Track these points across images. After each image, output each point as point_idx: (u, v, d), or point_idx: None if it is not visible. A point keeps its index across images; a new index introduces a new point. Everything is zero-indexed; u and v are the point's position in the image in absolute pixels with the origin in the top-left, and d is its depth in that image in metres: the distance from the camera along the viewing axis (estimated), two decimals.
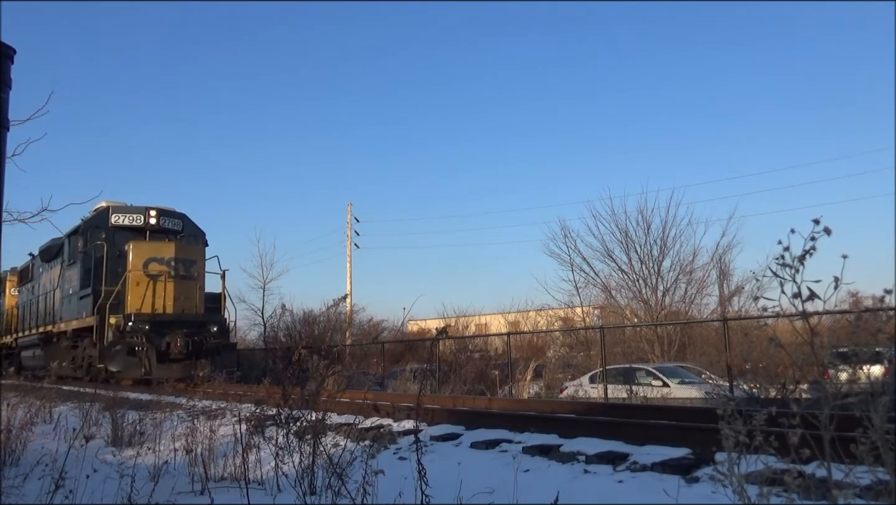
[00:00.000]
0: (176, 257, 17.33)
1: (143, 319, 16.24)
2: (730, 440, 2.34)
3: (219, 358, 16.43)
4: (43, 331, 21.07)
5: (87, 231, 18.21)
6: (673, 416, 7.48)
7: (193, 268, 17.92)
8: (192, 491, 4.98)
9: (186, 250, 18.08)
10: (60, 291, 19.84)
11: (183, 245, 18.22)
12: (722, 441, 2.39)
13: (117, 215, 18.33)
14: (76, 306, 18.19)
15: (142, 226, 18.44)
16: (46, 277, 21.89)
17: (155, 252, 17.33)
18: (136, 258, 17.11)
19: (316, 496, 4.34)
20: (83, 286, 17.72)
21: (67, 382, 17.46)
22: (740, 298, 24.92)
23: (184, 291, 17.47)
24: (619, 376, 16.00)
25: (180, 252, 17.62)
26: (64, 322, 19.25)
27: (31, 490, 4.34)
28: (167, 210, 19.16)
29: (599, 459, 5.31)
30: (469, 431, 7.01)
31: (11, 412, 7.59)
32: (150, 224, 18.51)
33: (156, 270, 17.06)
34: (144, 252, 17.24)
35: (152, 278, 17.01)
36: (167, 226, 18.87)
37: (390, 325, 33.39)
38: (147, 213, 18.57)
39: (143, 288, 16.94)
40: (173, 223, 19.07)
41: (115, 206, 18.56)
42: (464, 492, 3.65)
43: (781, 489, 2.39)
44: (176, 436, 6.76)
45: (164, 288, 17.06)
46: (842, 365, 2.28)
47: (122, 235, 17.95)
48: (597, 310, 28.04)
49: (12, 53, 3.16)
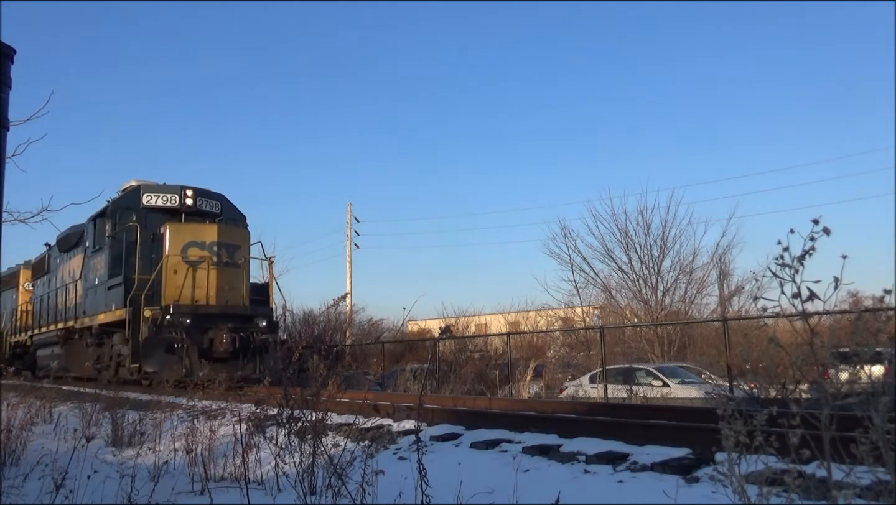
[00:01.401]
0: (219, 241, 15.14)
1: (184, 311, 14.06)
2: (730, 440, 2.34)
3: (267, 357, 14.24)
4: (63, 327, 18.91)
5: (115, 213, 15.93)
6: (673, 416, 7.49)
7: (238, 253, 15.65)
8: (192, 491, 4.98)
9: (230, 233, 15.83)
10: (84, 281, 17.66)
11: (226, 227, 15.99)
12: (722, 441, 2.39)
13: (149, 195, 16.00)
14: (103, 298, 16.03)
15: (177, 207, 16.06)
16: (65, 268, 19.91)
17: (195, 235, 15.11)
18: (174, 242, 14.91)
19: (316, 496, 4.34)
20: (112, 275, 15.55)
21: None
22: (740, 298, 24.97)
23: (228, 280, 15.24)
24: (619, 376, 16.01)
25: (224, 235, 15.43)
26: (88, 316, 17.04)
27: (31, 490, 4.34)
28: (205, 190, 16.85)
29: (599, 459, 5.31)
30: (469, 431, 7.01)
31: (11, 412, 7.58)
32: (186, 205, 16.14)
33: (196, 255, 14.86)
34: (183, 235, 15.05)
35: (192, 265, 14.85)
36: (204, 207, 16.49)
37: (390, 325, 33.44)
38: (183, 192, 16.18)
39: (181, 276, 14.78)
40: (211, 205, 16.70)
41: (147, 185, 16.35)
42: (464, 492, 3.65)
43: (781, 489, 2.39)
44: (176, 436, 6.76)
45: (207, 276, 14.85)
46: (842, 365, 2.28)
47: (154, 218, 15.66)
48: (597, 310, 28.06)
49: (12, 53, 3.16)
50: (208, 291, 14.84)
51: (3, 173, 3.07)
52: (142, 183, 16.45)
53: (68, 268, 19.49)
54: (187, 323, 13.86)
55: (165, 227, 15.17)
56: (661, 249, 25.69)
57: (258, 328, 14.68)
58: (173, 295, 14.53)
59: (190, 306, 14.40)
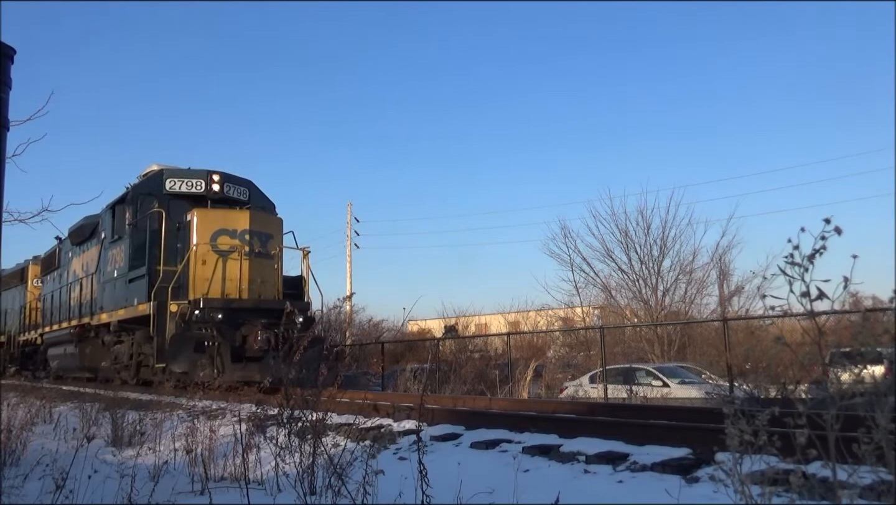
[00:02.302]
0: (251, 229, 13.88)
1: (215, 305, 12.83)
2: (734, 439, 2.33)
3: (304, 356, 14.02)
4: (77, 324, 17.50)
5: (136, 199, 14.59)
6: (673, 416, 7.48)
7: (271, 243, 14.34)
8: (192, 491, 4.98)
9: (263, 221, 14.53)
10: (100, 275, 16.33)
11: (258, 214, 14.68)
12: (726, 441, 2.38)
13: (173, 180, 14.70)
14: (123, 292, 14.72)
15: (202, 193, 14.76)
16: (78, 261, 18.63)
17: (225, 222, 13.83)
18: (203, 230, 13.63)
19: (316, 496, 4.33)
20: (133, 266, 14.25)
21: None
22: (740, 298, 24.99)
23: (260, 272, 13.97)
24: (619, 376, 16.00)
25: (256, 223, 14.14)
26: (106, 312, 15.64)
27: (32, 490, 4.33)
28: (232, 175, 15.49)
29: (599, 459, 5.30)
30: (469, 431, 7.00)
31: (11, 412, 7.58)
32: (213, 191, 14.79)
33: (226, 244, 13.60)
34: (213, 222, 13.77)
35: (222, 255, 13.56)
36: (232, 194, 15.15)
37: (390, 325, 33.42)
38: (209, 177, 14.86)
39: (210, 267, 13.47)
40: (239, 191, 15.34)
41: (170, 169, 15.05)
42: (464, 492, 3.64)
43: (783, 489, 2.39)
44: (176, 436, 6.76)
45: (239, 268, 13.55)
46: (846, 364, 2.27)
47: (178, 205, 14.31)
48: (597, 310, 28.06)
49: (12, 53, 3.16)
50: (240, 284, 13.51)
51: (3, 173, 3.07)
52: (164, 167, 15.08)
53: (81, 261, 18.32)
54: (219, 318, 12.63)
55: (193, 213, 13.85)
56: (661, 249, 25.71)
57: (295, 324, 13.06)
58: (202, 288, 13.29)
59: (221, 300, 13.15)
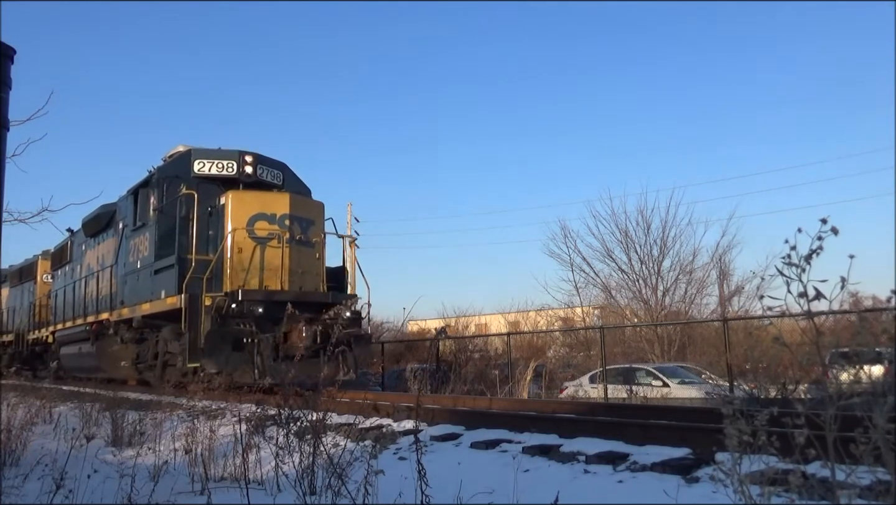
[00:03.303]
0: (291, 214, 12.59)
1: (255, 298, 11.60)
2: (734, 439, 2.34)
3: (350, 354, 12.02)
4: (94, 321, 16.15)
5: (163, 182, 13.17)
6: (673, 416, 7.48)
7: (312, 229, 13.05)
8: (192, 491, 4.98)
9: (304, 205, 13.19)
10: (120, 267, 15.03)
11: (299, 198, 13.32)
12: (725, 441, 2.39)
13: (202, 162, 13.33)
14: (148, 284, 13.32)
15: (234, 176, 13.32)
16: (93, 254, 17.43)
17: (263, 206, 12.53)
18: (239, 214, 12.36)
19: (316, 496, 4.33)
20: (160, 256, 12.90)
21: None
22: (740, 298, 25.00)
23: (301, 262, 12.70)
24: (619, 376, 16.01)
25: (297, 207, 12.83)
26: (128, 307, 14.23)
27: (31, 490, 4.33)
28: (265, 157, 14.06)
29: (599, 459, 5.30)
30: (469, 431, 7.00)
31: (11, 412, 7.58)
32: (246, 173, 13.39)
33: (265, 230, 12.31)
34: (249, 206, 12.49)
35: (259, 243, 12.28)
36: (265, 178, 13.74)
37: (390, 325, 33.41)
38: (241, 158, 13.46)
39: (246, 256, 12.18)
40: (273, 175, 13.96)
41: (199, 149, 13.63)
42: (464, 492, 3.65)
43: (782, 489, 2.39)
44: (176, 436, 6.76)
45: (278, 256, 12.26)
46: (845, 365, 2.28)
47: (207, 189, 12.91)
48: (597, 310, 28.07)
49: (12, 53, 3.16)
50: (281, 275, 12.22)
51: (3, 173, 3.07)
52: (192, 148, 13.69)
53: (96, 254, 17.14)
54: (259, 312, 11.34)
55: (227, 196, 12.58)
56: (661, 249, 25.73)
57: (341, 319, 11.82)
58: (238, 279, 12.02)
59: (261, 292, 11.90)
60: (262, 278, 12.23)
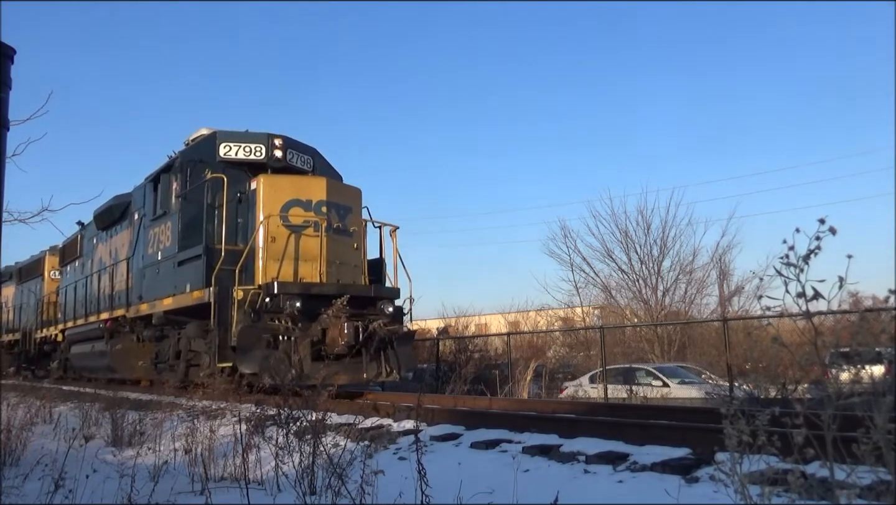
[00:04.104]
0: (328, 200, 11.53)
1: (293, 291, 10.54)
2: (733, 439, 2.34)
3: (391, 353, 11.31)
4: (108, 318, 15.18)
5: (186, 167, 12.21)
6: (673, 416, 7.49)
7: (350, 218, 12.01)
8: (192, 491, 4.98)
9: (341, 191, 12.18)
10: (137, 259, 13.97)
11: (336, 183, 12.44)
12: (725, 441, 2.39)
13: (228, 145, 12.37)
14: (170, 277, 12.33)
15: (262, 160, 12.40)
16: (105, 247, 16.44)
17: (298, 191, 11.49)
18: (272, 200, 11.30)
19: (316, 496, 4.33)
20: (184, 246, 11.90)
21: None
22: (740, 298, 25.03)
23: (339, 252, 11.62)
24: (619, 376, 16.02)
25: (334, 193, 11.80)
26: (147, 302, 13.20)
27: (31, 490, 4.33)
28: (296, 141, 13.10)
29: (599, 459, 5.30)
30: (469, 431, 7.00)
31: (11, 412, 7.59)
32: (275, 157, 12.44)
33: (300, 218, 11.26)
34: (283, 191, 11.43)
35: (294, 231, 11.26)
36: (295, 163, 12.80)
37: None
38: (270, 141, 12.50)
39: (280, 245, 11.15)
40: (303, 160, 13.03)
41: (224, 132, 12.65)
42: (464, 492, 3.65)
43: (783, 489, 2.39)
44: (176, 436, 6.76)
45: (319, 247, 11.17)
46: (844, 365, 2.28)
47: (233, 175, 11.85)
48: (597, 310, 28.10)
49: (12, 53, 3.16)
50: (320, 267, 11.15)
51: (3, 173, 3.07)
52: (217, 130, 12.71)
53: (109, 247, 16.18)
54: (297, 307, 10.32)
55: (259, 181, 11.61)
56: (661, 249, 25.76)
57: (383, 315, 11.00)
58: (271, 270, 11.02)
59: (299, 285, 10.86)
60: (296, 270, 11.19)
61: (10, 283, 26.21)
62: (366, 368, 10.82)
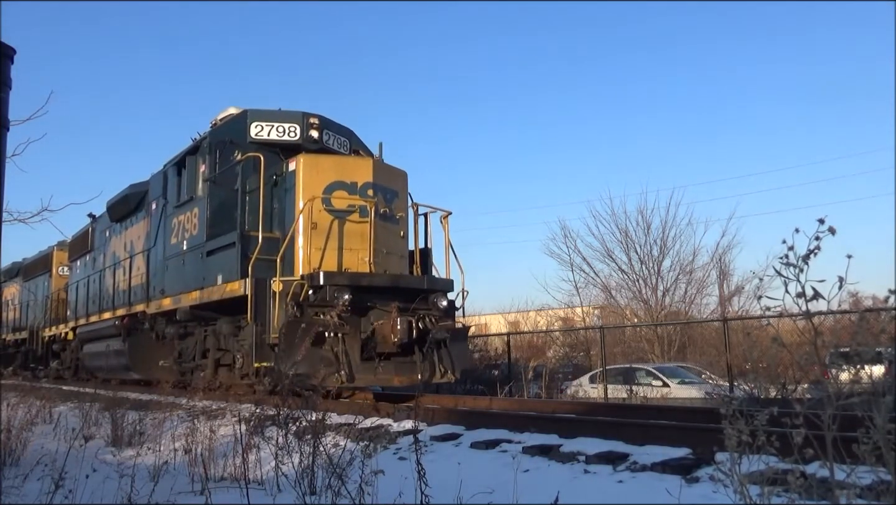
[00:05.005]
0: (374, 183, 10.39)
1: (341, 283, 9.38)
2: (732, 439, 2.34)
3: (445, 352, 10.19)
4: (125, 314, 14.11)
5: (216, 148, 11.16)
6: (673, 416, 7.49)
7: (395, 203, 10.87)
8: (191, 491, 4.98)
9: (388, 173, 11.00)
10: (159, 250, 12.96)
11: (383, 164, 11.19)
12: (725, 441, 2.39)
13: (259, 125, 11.32)
14: (197, 269, 11.31)
15: (297, 141, 11.35)
16: (119, 240, 15.53)
17: (342, 172, 10.34)
18: (313, 182, 10.16)
19: (316, 496, 4.33)
20: (214, 234, 10.91)
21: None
22: (740, 298, 25.06)
23: (385, 241, 10.49)
24: (619, 376, 16.03)
25: (380, 175, 10.65)
26: (170, 296, 12.18)
27: (31, 490, 4.33)
28: (332, 121, 12.04)
29: (599, 459, 5.30)
30: (469, 431, 7.00)
31: (11, 412, 7.59)
32: (311, 138, 11.39)
33: (344, 202, 10.14)
34: (325, 172, 10.28)
35: (337, 216, 10.12)
36: (332, 145, 11.77)
37: None
38: (306, 120, 11.45)
39: (322, 232, 9.99)
40: (339, 142, 11.97)
41: (256, 111, 11.60)
42: (464, 492, 3.65)
43: (783, 489, 2.39)
44: (176, 436, 6.76)
45: (369, 234, 10.05)
46: (844, 365, 2.28)
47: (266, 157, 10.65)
48: (597, 310, 28.13)
49: (12, 53, 3.16)
50: (369, 255, 10.04)
51: (3, 173, 3.07)
52: (248, 109, 11.66)
53: (124, 240, 15.26)
54: (346, 300, 9.19)
55: (298, 161, 10.44)
56: (661, 249, 25.79)
57: (436, 309, 10.03)
58: (313, 260, 9.89)
59: (347, 275, 9.70)
60: (339, 260, 10.08)
61: (16, 280, 25.64)
62: (420, 369, 9.88)
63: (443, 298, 10.25)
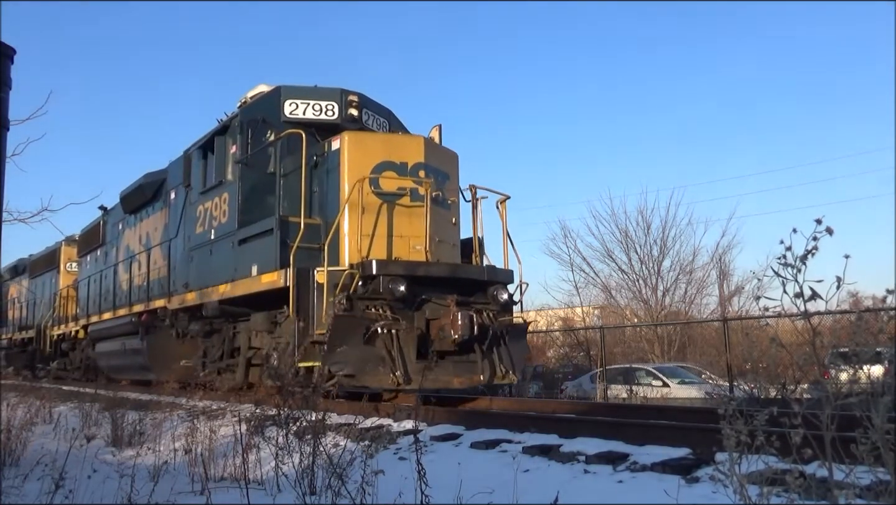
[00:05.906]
0: (426, 164, 9.40)
1: (396, 272, 8.45)
2: (731, 440, 2.34)
3: (504, 350, 9.30)
4: (143, 310, 13.14)
5: (247, 127, 10.22)
6: (673, 416, 7.49)
7: (447, 186, 9.92)
8: (191, 491, 4.99)
9: (440, 154, 10.06)
10: (181, 240, 12.03)
11: (434, 144, 10.21)
12: (723, 441, 2.40)
13: (294, 102, 10.43)
14: (228, 259, 10.29)
15: (334, 121, 10.45)
16: (134, 233, 14.62)
17: (390, 152, 9.38)
18: (360, 163, 9.16)
19: (316, 496, 4.34)
20: (246, 221, 9.95)
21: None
22: (740, 298, 25.08)
23: (439, 228, 9.47)
24: (619, 376, 16.05)
25: (432, 155, 9.68)
26: (194, 290, 11.18)
27: (31, 490, 4.33)
28: (371, 100, 11.21)
29: (599, 459, 5.31)
30: (469, 431, 7.00)
31: (11, 412, 7.60)
32: (350, 116, 10.55)
33: (393, 185, 9.19)
34: (372, 151, 9.33)
35: (386, 200, 9.16)
36: (371, 125, 10.89)
37: None
38: (344, 98, 10.59)
39: (371, 218, 9.01)
40: (379, 123, 11.11)
41: (290, 87, 10.68)
42: (464, 492, 3.65)
43: (782, 489, 2.40)
44: (176, 436, 6.77)
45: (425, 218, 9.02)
46: (842, 365, 2.29)
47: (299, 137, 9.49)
48: (597, 310, 28.15)
49: (12, 53, 3.17)
50: (425, 243, 9.03)
51: (3, 173, 3.08)
52: (281, 86, 10.72)
53: (139, 232, 14.31)
54: (402, 292, 8.32)
55: (342, 139, 9.41)
56: (661, 249, 25.83)
57: (495, 303, 9.15)
58: (361, 248, 8.80)
59: (401, 264, 8.74)
60: (389, 248, 9.09)
61: (22, 277, 25.04)
62: (481, 369, 8.98)
63: (503, 290, 9.34)
